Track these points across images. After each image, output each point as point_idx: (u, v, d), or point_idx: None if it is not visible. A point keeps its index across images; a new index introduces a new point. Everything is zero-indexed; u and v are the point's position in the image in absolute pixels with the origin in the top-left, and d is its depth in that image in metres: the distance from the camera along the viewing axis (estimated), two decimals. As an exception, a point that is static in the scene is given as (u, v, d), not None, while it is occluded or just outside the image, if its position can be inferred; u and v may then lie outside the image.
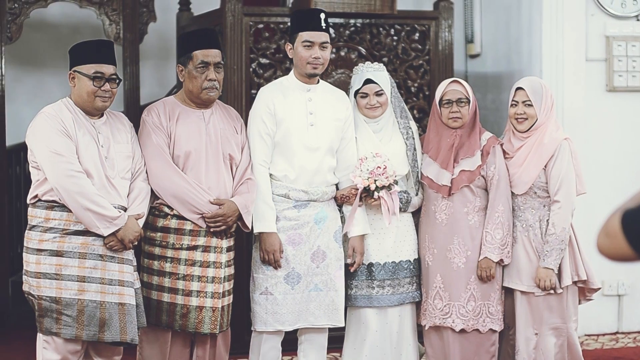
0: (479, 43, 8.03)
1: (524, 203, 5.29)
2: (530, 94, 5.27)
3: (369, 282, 5.37)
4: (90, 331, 4.65)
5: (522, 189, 5.27)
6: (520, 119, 5.29)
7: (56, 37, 8.94)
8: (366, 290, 5.37)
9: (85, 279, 4.64)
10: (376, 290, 5.36)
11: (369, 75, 5.37)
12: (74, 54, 4.83)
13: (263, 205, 5.14)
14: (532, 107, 5.26)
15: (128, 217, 4.72)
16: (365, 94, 5.38)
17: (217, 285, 4.99)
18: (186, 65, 5.06)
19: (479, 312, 5.30)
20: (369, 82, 5.36)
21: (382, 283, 5.36)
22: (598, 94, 7.14)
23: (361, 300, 5.38)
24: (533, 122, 5.27)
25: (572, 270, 5.25)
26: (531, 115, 5.27)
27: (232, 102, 6.21)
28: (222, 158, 5.07)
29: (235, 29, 6.54)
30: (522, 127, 5.30)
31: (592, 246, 6.11)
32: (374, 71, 5.40)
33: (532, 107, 5.26)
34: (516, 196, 5.31)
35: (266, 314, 5.19)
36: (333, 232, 5.31)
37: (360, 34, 6.84)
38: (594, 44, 7.12)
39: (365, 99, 5.38)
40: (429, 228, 5.41)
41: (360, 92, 5.38)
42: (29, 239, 4.71)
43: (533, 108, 5.26)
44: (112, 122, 4.89)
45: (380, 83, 5.37)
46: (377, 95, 5.36)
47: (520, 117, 5.29)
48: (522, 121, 5.29)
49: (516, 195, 5.31)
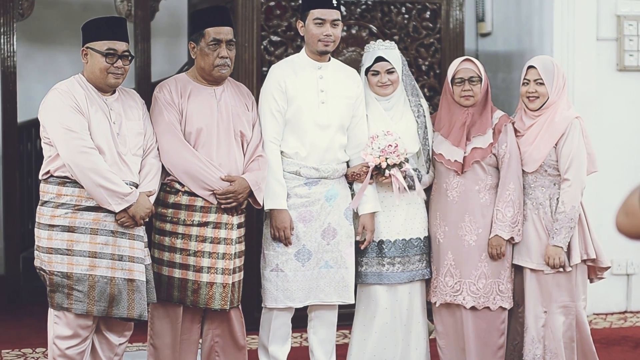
0: (490, 22, 8.02)
1: (534, 181, 5.29)
2: (542, 73, 5.26)
3: (379, 259, 5.39)
4: (101, 307, 4.68)
5: (532, 166, 5.27)
6: (531, 97, 5.29)
7: (67, 14, 8.95)
8: (376, 267, 5.39)
9: (97, 254, 4.66)
10: (386, 267, 5.37)
11: (380, 53, 5.36)
12: (86, 31, 4.82)
13: (274, 182, 5.15)
14: (543, 85, 5.26)
15: (139, 194, 4.74)
16: (376, 72, 5.37)
17: (227, 261, 5.00)
18: (198, 42, 5.05)
19: (489, 290, 5.31)
20: (380, 59, 5.35)
21: (392, 260, 5.37)
22: (609, 73, 7.14)
23: (371, 277, 5.39)
24: (544, 101, 5.27)
25: (582, 249, 5.25)
26: (542, 94, 5.26)
27: (243, 80, 6.22)
28: (234, 135, 5.08)
29: (246, 6, 6.54)
30: (533, 105, 5.30)
31: (601, 225, 6.16)
32: (385, 49, 5.39)
33: (543, 85, 5.26)
34: (527, 174, 5.31)
35: (277, 291, 5.21)
36: (344, 210, 5.32)
37: (372, 12, 6.83)
38: (604, 23, 7.10)
39: (376, 76, 5.38)
40: (440, 205, 5.42)
41: (372, 69, 5.37)
42: (40, 214, 4.73)
43: (544, 86, 5.25)
44: (124, 99, 4.89)
45: (392, 61, 5.36)
46: (389, 73, 5.36)
47: (531, 95, 5.29)
48: (533, 99, 5.29)
49: (527, 173, 5.31)
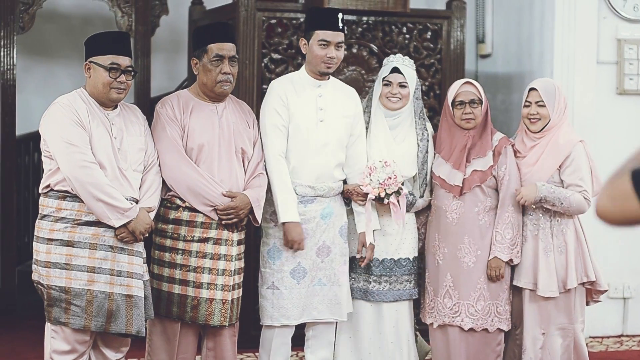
0: (490, 43, 8.03)
1: (535, 202, 5.29)
2: (544, 95, 5.29)
3: (366, 276, 5.43)
4: (98, 322, 4.66)
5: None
6: (533, 119, 5.32)
7: (67, 27, 8.96)
8: (363, 283, 5.43)
9: (95, 269, 4.65)
10: (372, 284, 5.41)
11: (397, 64, 5.41)
12: (90, 45, 4.81)
13: (287, 195, 5.15)
14: (545, 107, 5.29)
15: (139, 209, 4.73)
16: (389, 82, 5.40)
17: (227, 277, 5.00)
18: (201, 58, 5.07)
19: (487, 312, 5.32)
20: (396, 71, 5.39)
21: (378, 279, 5.41)
22: (608, 96, 7.14)
23: (357, 292, 5.43)
24: (546, 123, 5.30)
25: (581, 271, 5.28)
26: (544, 116, 5.29)
27: (243, 97, 6.21)
28: (235, 152, 5.08)
29: (248, 24, 6.54)
30: (534, 127, 5.32)
31: (599, 248, 6.15)
32: (403, 64, 5.44)
33: (545, 107, 5.29)
34: (527, 195, 5.33)
35: (272, 308, 5.22)
36: (339, 228, 5.34)
37: (373, 31, 6.84)
38: (605, 46, 7.11)
39: (388, 87, 5.41)
40: (440, 227, 5.42)
41: (385, 79, 5.40)
42: (39, 228, 4.72)
43: (546, 109, 5.28)
44: (125, 114, 4.89)
45: (407, 76, 5.39)
46: (401, 86, 5.39)
47: (533, 117, 5.31)
48: (535, 121, 5.32)
49: (528, 195, 5.32)
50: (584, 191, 5.21)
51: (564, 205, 5.17)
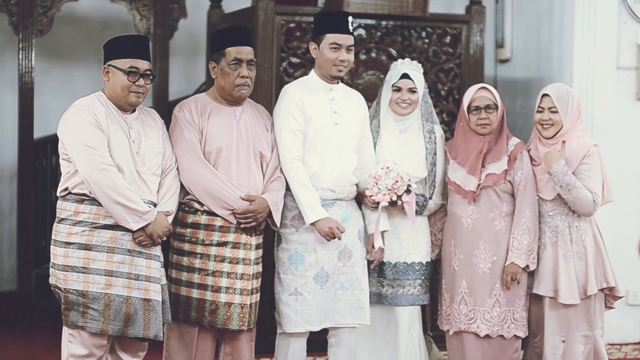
0: (509, 48, 8.01)
1: (553, 209, 5.28)
2: (556, 101, 5.27)
3: (379, 279, 5.42)
4: (116, 326, 4.65)
5: (551, 194, 5.27)
6: (546, 125, 5.29)
7: (85, 31, 8.95)
8: (376, 287, 5.43)
9: (113, 273, 4.64)
10: (385, 288, 5.41)
11: (406, 70, 5.41)
12: (109, 48, 4.80)
13: (309, 195, 5.12)
14: (557, 113, 5.27)
15: (157, 213, 4.72)
16: (398, 88, 5.39)
17: (245, 282, 4.98)
18: (219, 62, 5.05)
19: (503, 318, 5.29)
20: (406, 76, 5.39)
21: (391, 282, 5.40)
22: (628, 102, 7.11)
23: (371, 297, 5.40)
24: (559, 129, 5.28)
25: (601, 277, 5.26)
26: (557, 122, 5.26)
27: (261, 101, 6.20)
28: (253, 155, 5.08)
29: (267, 28, 6.53)
30: (547, 133, 5.30)
31: (617, 254, 6.12)
32: (412, 69, 5.44)
33: (557, 113, 5.27)
34: (545, 202, 5.30)
35: (296, 315, 5.18)
36: (357, 231, 5.34)
37: (392, 35, 6.82)
38: (625, 52, 7.08)
39: (398, 92, 5.40)
40: (455, 233, 5.40)
41: (395, 85, 5.39)
42: (57, 231, 4.71)
43: (559, 114, 5.26)
44: (143, 118, 4.88)
45: (416, 81, 5.40)
46: (410, 92, 5.39)
47: (546, 123, 5.29)
48: (547, 127, 5.29)
49: (545, 201, 5.30)
50: (595, 194, 5.18)
51: (571, 193, 5.13)
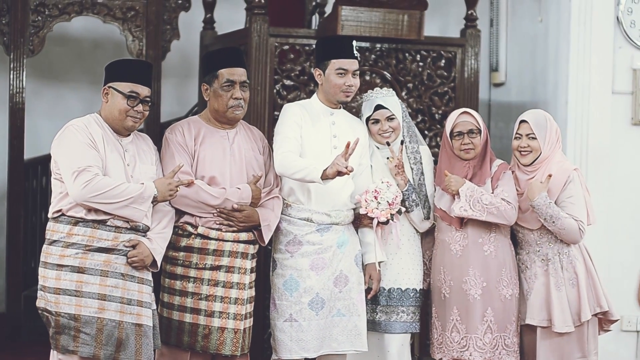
0: (504, 72, 7.99)
1: (540, 237, 5.27)
2: (534, 127, 5.27)
3: (372, 306, 5.39)
4: (108, 351, 4.60)
5: (535, 224, 5.26)
6: (524, 152, 5.31)
7: (77, 51, 8.93)
8: (370, 314, 5.38)
9: (106, 297, 4.60)
10: (379, 315, 5.38)
11: (379, 101, 5.38)
12: (111, 70, 4.79)
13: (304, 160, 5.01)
14: (535, 140, 5.26)
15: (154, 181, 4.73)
16: (376, 120, 5.37)
17: (239, 306, 4.96)
18: (211, 83, 5.03)
19: (495, 345, 5.26)
20: (380, 107, 5.36)
21: (385, 309, 5.37)
22: (624, 127, 7.08)
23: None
24: (537, 156, 5.27)
25: (594, 302, 5.25)
26: (535, 148, 5.26)
27: (254, 123, 6.16)
28: (247, 179, 5.07)
29: (260, 50, 6.50)
30: (525, 160, 5.30)
31: (611, 280, 6.09)
32: (384, 96, 5.41)
33: (535, 140, 5.26)
34: (532, 232, 5.30)
35: (291, 342, 5.14)
36: (354, 256, 5.29)
37: (386, 58, 6.79)
38: (620, 76, 7.05)
39: (377, 124, 5.38)
40: (444, 260, 5.37)
41: (372, 118, 5.38)
42: (48, 253, 4.65)
43: (537, 141, 5.26)
44: (138, 143, 4.87)
45: (391, 108, 5.37)
46: (389, 120, 5.37)
47: (524, 150, 5.30)
48: (525, 154, 5.30)
49: (532, 231, 5.29)
50: (580, 222, 5.16)
51: (556, 225, 5.11)
